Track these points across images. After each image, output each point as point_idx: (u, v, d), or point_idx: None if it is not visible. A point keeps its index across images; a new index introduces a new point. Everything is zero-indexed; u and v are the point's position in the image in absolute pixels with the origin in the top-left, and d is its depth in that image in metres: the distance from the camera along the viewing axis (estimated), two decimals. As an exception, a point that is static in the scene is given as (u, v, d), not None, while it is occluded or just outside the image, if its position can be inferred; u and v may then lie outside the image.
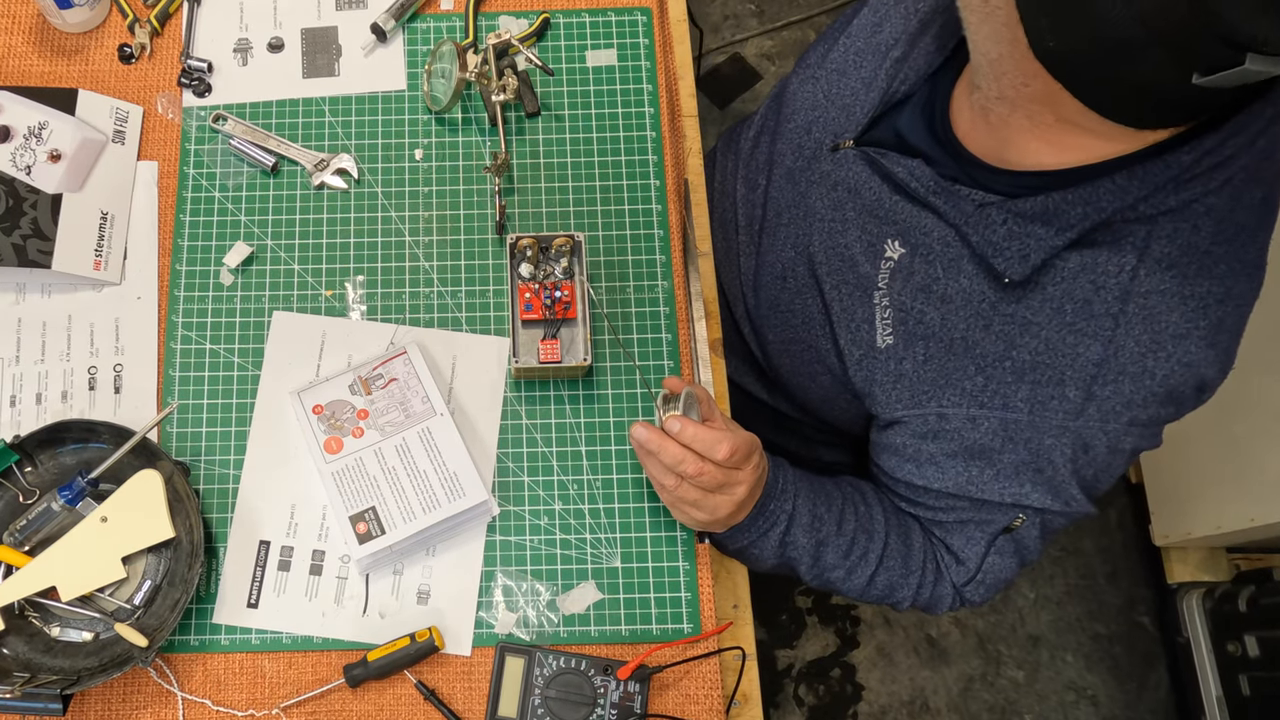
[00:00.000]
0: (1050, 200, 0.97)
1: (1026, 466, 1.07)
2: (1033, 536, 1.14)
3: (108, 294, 1.30)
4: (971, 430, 1.08)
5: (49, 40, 1.40)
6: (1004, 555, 1.16)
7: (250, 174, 1.35)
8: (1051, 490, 1.08)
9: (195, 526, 1.16)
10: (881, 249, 1.12)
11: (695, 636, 1.20)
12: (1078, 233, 0.97)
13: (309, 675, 1.19)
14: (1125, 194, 0.94)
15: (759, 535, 1.16)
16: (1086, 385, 1.01)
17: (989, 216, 1.01)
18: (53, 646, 1.17)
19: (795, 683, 2.37)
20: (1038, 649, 2.42)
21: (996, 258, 1.01)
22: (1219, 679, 2.20)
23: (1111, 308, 0.98)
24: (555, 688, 1.15)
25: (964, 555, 1.17)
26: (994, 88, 0.96)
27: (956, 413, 1.09)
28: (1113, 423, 1.02)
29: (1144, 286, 0.97)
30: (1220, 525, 2.09)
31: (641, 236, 1.35)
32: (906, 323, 1.11)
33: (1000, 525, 1.13)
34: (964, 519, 1.15)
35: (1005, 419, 1.06)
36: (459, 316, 1.31)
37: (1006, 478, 1.09)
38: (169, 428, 1.26)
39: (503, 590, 1.22)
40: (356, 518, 1.19)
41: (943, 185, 1.05)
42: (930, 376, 1.10)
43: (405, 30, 1.42)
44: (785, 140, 1.30)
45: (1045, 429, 1.04)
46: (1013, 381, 1.05)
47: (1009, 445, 1.07)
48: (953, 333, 1.08)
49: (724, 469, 1.05)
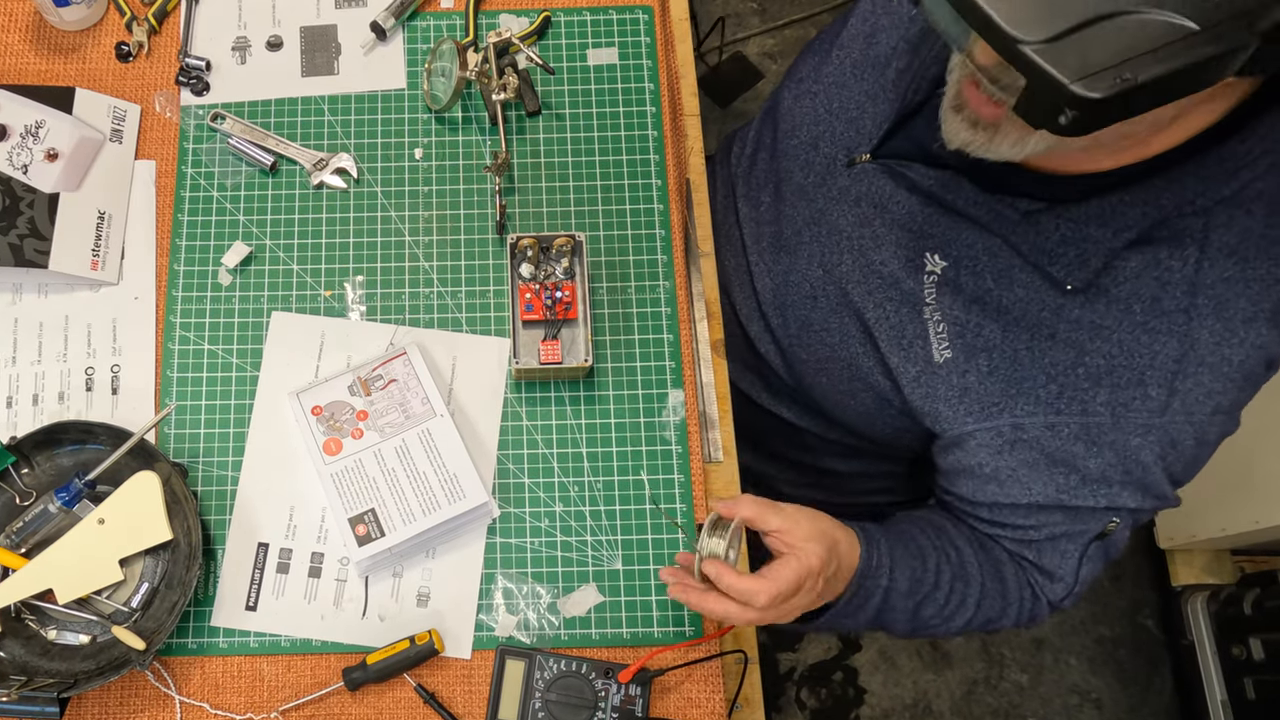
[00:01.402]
0: (1106, 203, 0.96)
1: (1115, 469, 1.04)
2: (1124, 537, 1.12)
3: (105, 294, 1.30)
4: (1052, 438, 1.06)
5: (46, 38, 1.40)
6: (1096, 561, 1.13)
7: (249, 173, 1.35)
8: (1143, 489, 1.06)
9: (193, 528, 1.16)
10: (921, 263, 1.11)
11: (697, 639, 1.20)
12: (1136, 233, 0.96)
13: (308, 678, 1.19)
14: (1183, 189, 0.93)
15: (855, 611, 1.12)
16: (1169, 382, 1.00)
17: (1039, 224, 1.00)
18: (49, 649, 1.16)
19: (797, 686, 2.37)
20: (1041, 652, 2.41)
21: (1053, 265, 1.00)
22: (1224, 682, 2.19)
23: (1181, 302, 0.97)
24: (556, 691, 1.15)
25: (1060, 572, 1.13)
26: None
27: (1033, 421, 1.06)
28: (1197, 414, 1.01)
29: (1209, 277, 0.96)
30: (1225, 528, 2.09)
31: (643, 236, 1.34)
32: (964, 336, 1.09)
33: (1094, 532, 1.10)
34: (1056, 532, 1.11)
35: (1086, 424, 1.03)
36: (459, 317, 1.30)
37: (1096, 482, 1.06)
38: (167, 429, 1.26)
39: (503, 593, 1.21)
40: (356, 520, 1.18)
41: (983, 196, 1.04)
42: (998, 388, 1.08)
43: (405, 28, 1.42)
44: (789, 157, 1.29)
45: (1130, 429, 1.02)
46: (1089, 387, 1.03)
47: (1094, 449, 1.04)
48: (1016, 344, 1.06)
49: (773, 608, 1.01)
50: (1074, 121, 0.74)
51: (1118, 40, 0.70)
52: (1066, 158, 0.97)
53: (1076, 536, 1.11)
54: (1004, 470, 1.10)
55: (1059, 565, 1.13)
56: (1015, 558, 1.16)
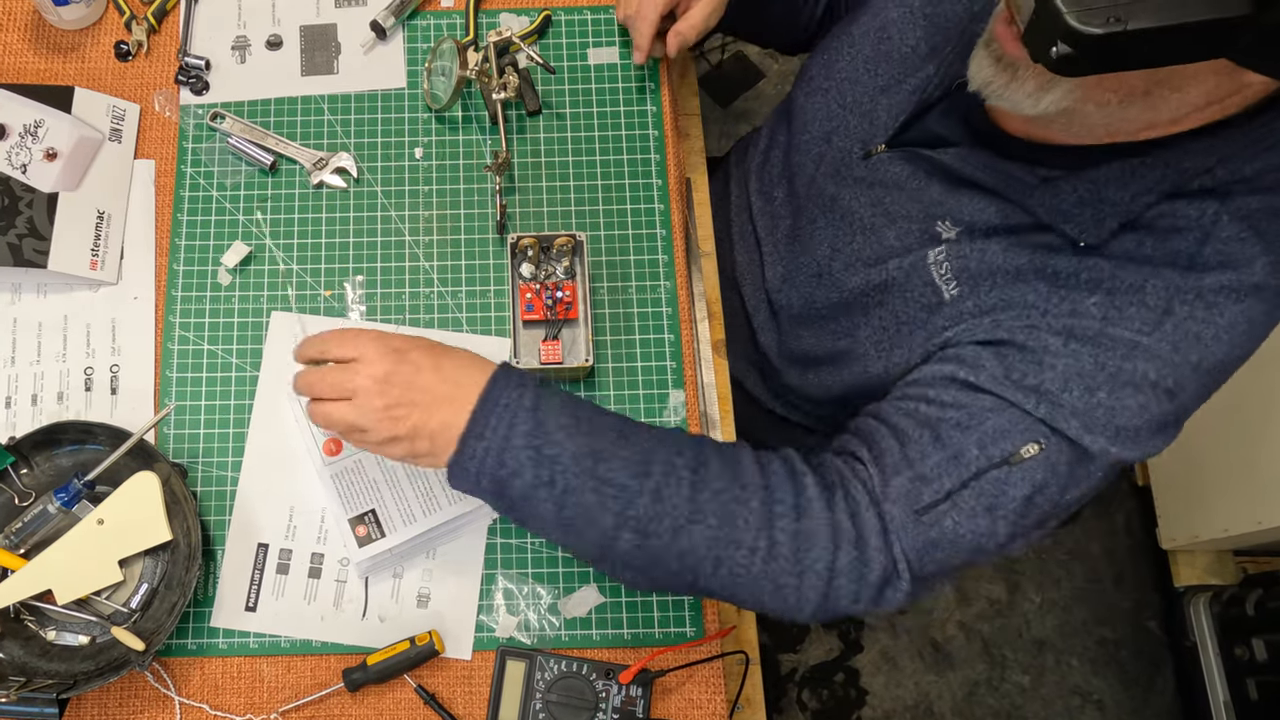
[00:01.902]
0: (1127, 165, 0.94)
1: (1080, 381, 0.96)
2: (1019, 495, 0.97)
3: (104, 294, 1.29)
4: (1032, 332, 0.99)
5: (45, 37, 1.39)
6: (980, 502, 0.98)
7: (248, 173, 1.34)
8: (1091, 421, 0.96)
9: (193, 529, 1.16)
10: (935, 232, 1.09)
11: (698, 640, 1.19)
12: (1156, 196, 0.94)
13: (307, 679, 1.18)
14: (1207, 155, 0.92)
15: (501, 443, 0.98)
16: (1167, 299, 0.95)
17: (1057, 188, 0.99)
18: (49, 650, 1.16)
19: (799, 687, 2.37)
20: (1043, 653, 2.41)
21: (1068, 224, 0.98)
22: (1226, 683, 2.19)
23: (1190, 247, 0.94)
24: (557, 692, 1.14)
25: (936, 473, 0.99)
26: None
27: (1015, 315, 1.01)
28: (1182, 355, 0.95)
29: (1225, 232, 0.93)
30: (1228, 528, 2.08)
31: (644, 236, 1.34)
32: (968, 267, 1.05)
33: (1008, 448, 0.97)
34: (972, 421, 0.99)
35: (1073, 324, 0.98)
36: (459, 317, 1.30)
37: (1052, 389, 0.97)
38: (166, 429, 1.26)
39: (504, 593, 1.21)
40: (356, 520, 1.18)
41: (1001, 164, 1.03)
42: (994, 299, 1.03)
43: (405, 28, 1.42)
44: (801, 152, 1.29)
45: (1117, 340, 0.96)
46: (1086, 292, 0.98)
47: (1072, 345, 0.97)
48: (1018, 261, 1.02)
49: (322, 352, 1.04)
50: (1064, 59, 0.74)
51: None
52: (1088, 131, 0.96)
53: (988, 441, 0.98)
54: (968, 355, 1.03)
55: (945, 465, 0.99)
56: (854, 454, 1.04)
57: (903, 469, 1.00)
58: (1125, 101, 0.88)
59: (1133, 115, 0.91)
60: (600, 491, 0.97)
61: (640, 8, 1.30)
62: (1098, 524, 2.47)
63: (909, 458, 1.00)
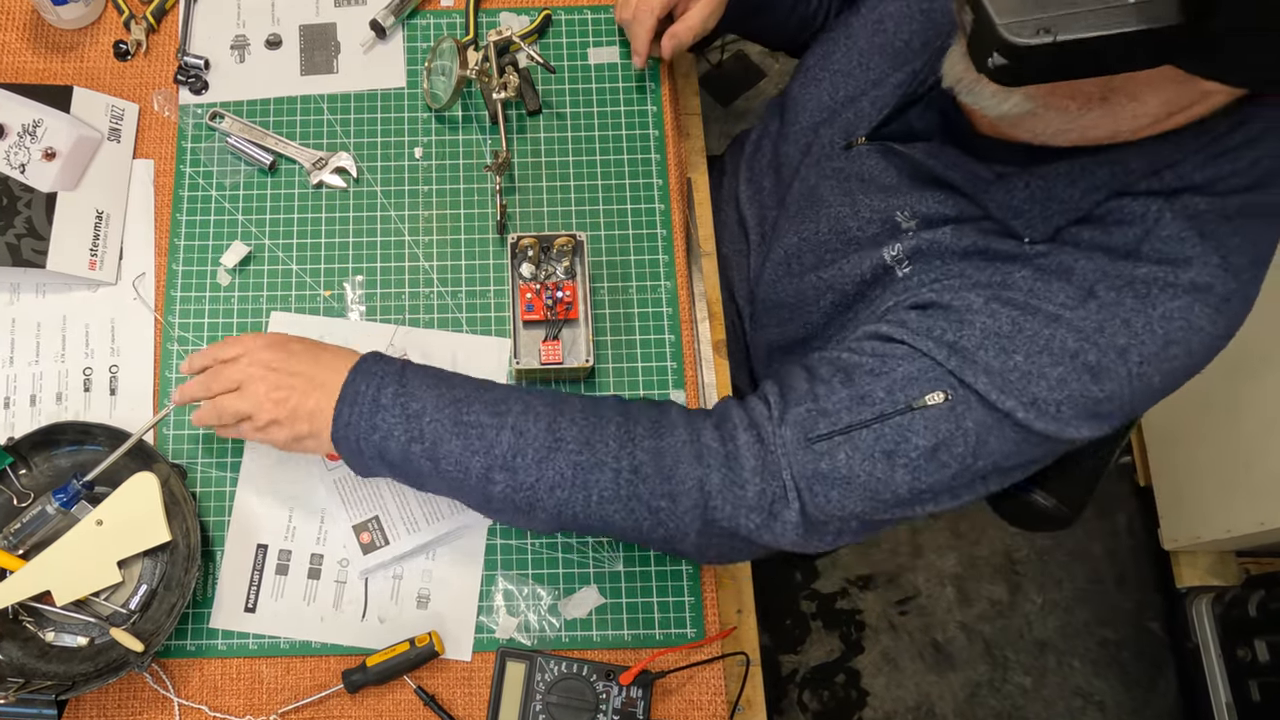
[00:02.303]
0: (1076, 163, 0.95)
1: (996, 341, 0.96)
2: (922, 443, 0.97)
3: (103, 294, 1.29)
4: (958, 293, 1.00)
5: (43, 37, 1.39)
6: (879, 446, 0.98)
7: (248, 173, 1.34)
8: (1003, 381, 0.95)
9: (192, 530, 1.15)
10: (895, 223, 1.10)
11: (699, 641, 1.19)
12: (1103, 194, 0.95)
13: (307, 680, 1.18)
14: (1155, 156, 0.92)
15: (370, 406, 1.06)
16: (1091, 283, 0.95)
17: (1010, 184, 0.99)
18: (47, 652, 1.16)
19: (799, 688, 2.36)
20: (1045, 654, 2.41)
21: (1017, 220, 0.99)
22: (1229, 684, 2.19)
23: (1130, 241, 0.95)
24: (557, 693, 1.14)
25: (838, 409, 1.00)
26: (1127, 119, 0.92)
27: (952, 298, 1.01)
28: (1107, 336, 0.93)
29: (1166, 230, 0.93)
30: (1230, 529, 2.08)
31: (644, 236, 1.33)
32: (920, 250, 1.07)
33: (914, 394, 0.98)
34: (883, 368, 1.00)
35: (1000, 294, 0.98)
36: (459, 317, 1.30)
37: (967, 346, 0.97)
38: (165, 430, 1.25)
39: (504, 594, 1.20)
40: (360, 527, 1.18)
41: (963, 159, 1.04)
42: (936, 279, 1.05)
43: (405, 27, 1.41)
44: (790, 142, 1.30)
45: (1038, 311, 0.96)
46: (1018, 270, 0.99)
47: (993, 305, 0.98)
48: (963, 242, 1.03)
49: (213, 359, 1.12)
50: (1000, 69, 0.75)
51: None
52: (1054, 134, 0.96)
53: (895, 388, 0.99)
54: (894, 316, 1.04)
55: (847, 403, 1.00)
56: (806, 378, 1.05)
57: (805, 400, 1.02)
58: (1084, 108, 0.89)
59: (1094, 122, 0.90)
60: (465, 435, 1.04)
61: (637, 11, 1.30)
62: (1099, 525, 2.47)
63: (815, 393, 1.02)
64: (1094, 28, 0.71)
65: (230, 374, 1.10)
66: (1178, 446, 2.26)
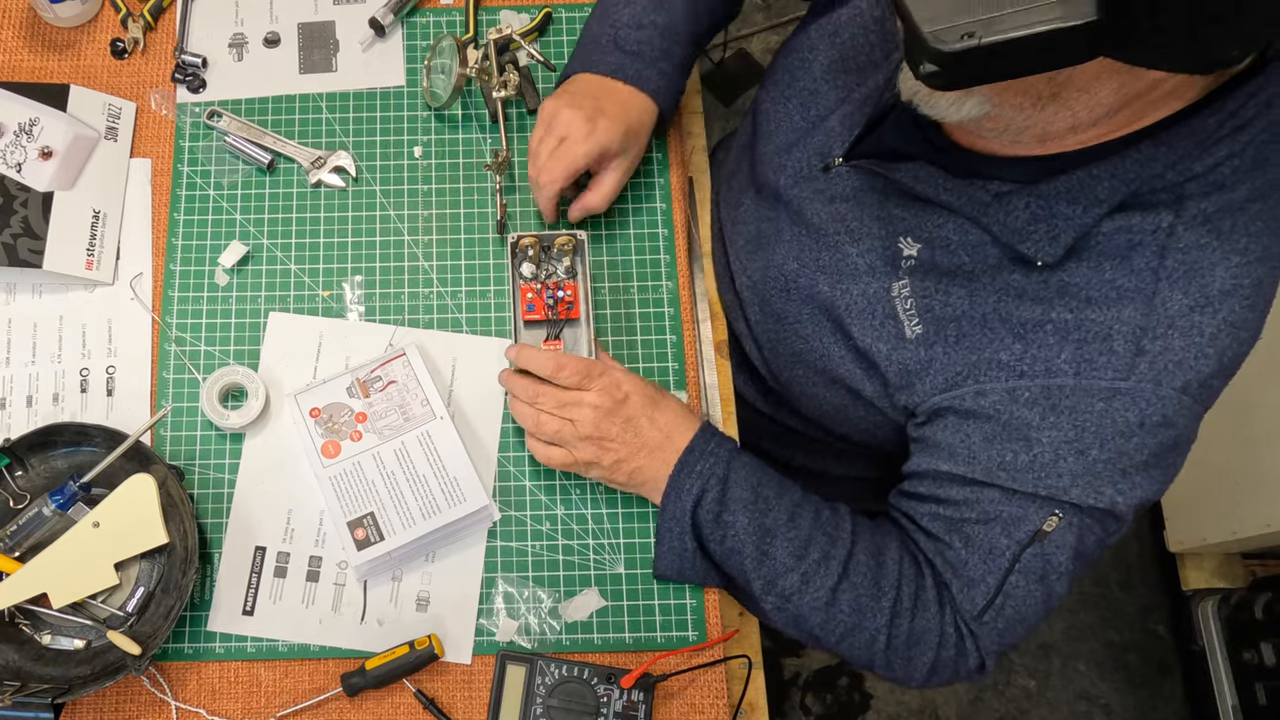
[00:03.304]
0: (1074, 178, 0.95)
1: (1069, 446, 0.99)
2: (1064, 557, 1.03)
3: (100, 294, 1.29)
4: (1010, 404, 1.02)
5: (40, 35, 1.39)
6: (1029, 578, 1.04)
7: (246, 172, 1.34)
8: (1092, 480, 0.99)
9: (189, 532, 1.15)
10: (897, 249, 1.10)
11: (700, 644, 1.19)
12: (1107, 208, 0.95)
13: (305, 684, 1.18)
14: (1152, 162, 0.92)
15: (683, 498, 1.14)
16: (1135, 340, 0.96)
17: (1009, 204, 0.99)
18: (44, 655, 1.16)
19: (802, 691, 2.36)
20: (1049, 657, 2.40)
21: (1024, 243, 0.98)
22: (1234, 688, 2.18)
23: (1151, 262, 0.95)
24: (557, 697, 1.13)
25: (979, 574, 1.06)
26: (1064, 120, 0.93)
27: (995, 387, 1.03)
28: (1166, 385, 0.96)
29: (1182, 242, 0.94)
30: (1236, 531, 2.07)
31: (645, 236, 1.33)
32: (932, 309, 1.07)
33: (1031, 528, 1.02)
34: (989, 515, 1.04)
35: (1049, 385, 0.99)
36: (459, 317, 1.29)
37: (1045, 463, 1.00)
38: (163, 431, 1.25)
39: (504, 597, 1.20)
40: (355, 524, 1.18)
41: (953, 182, 1.03)
42: (965, 355, 1.05)
43: (404, 25, 1.41)
44: (764, 161, 1.28)
45: (1094, 393, 0.98)
46: (1055, 344, 0.99)
47: (1050, 417, 1.00)
48: (984, 308, 1.03)
49: (562, 388, 1.16)
50: (932, 75, 0.76)
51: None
52: (1022, 140, 0.97)
53: (1011, 526, 1.04)
54: (958, 442, 1.06)
55: (980, 564, 1.06)
56: (930, 555, 1.11)
57: (950, 579, 1.08)
58: (1038, 105, 0.89)
59: (1051, 117, 0.91)
60: (760, 562, 1.12)
61: (541, 174, 1.24)
62: (1104, 527, 2.46)
63: (952, 564, 1.08)
64: (1016, 28, 0.72)
65: (569, 405, 1.15)
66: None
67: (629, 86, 1.26)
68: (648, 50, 1.27)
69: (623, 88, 1.26)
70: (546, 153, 1.22)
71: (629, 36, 1.27)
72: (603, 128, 1.21)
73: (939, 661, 1.09)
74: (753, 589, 1.13)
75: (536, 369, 1.16)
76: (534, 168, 1.24)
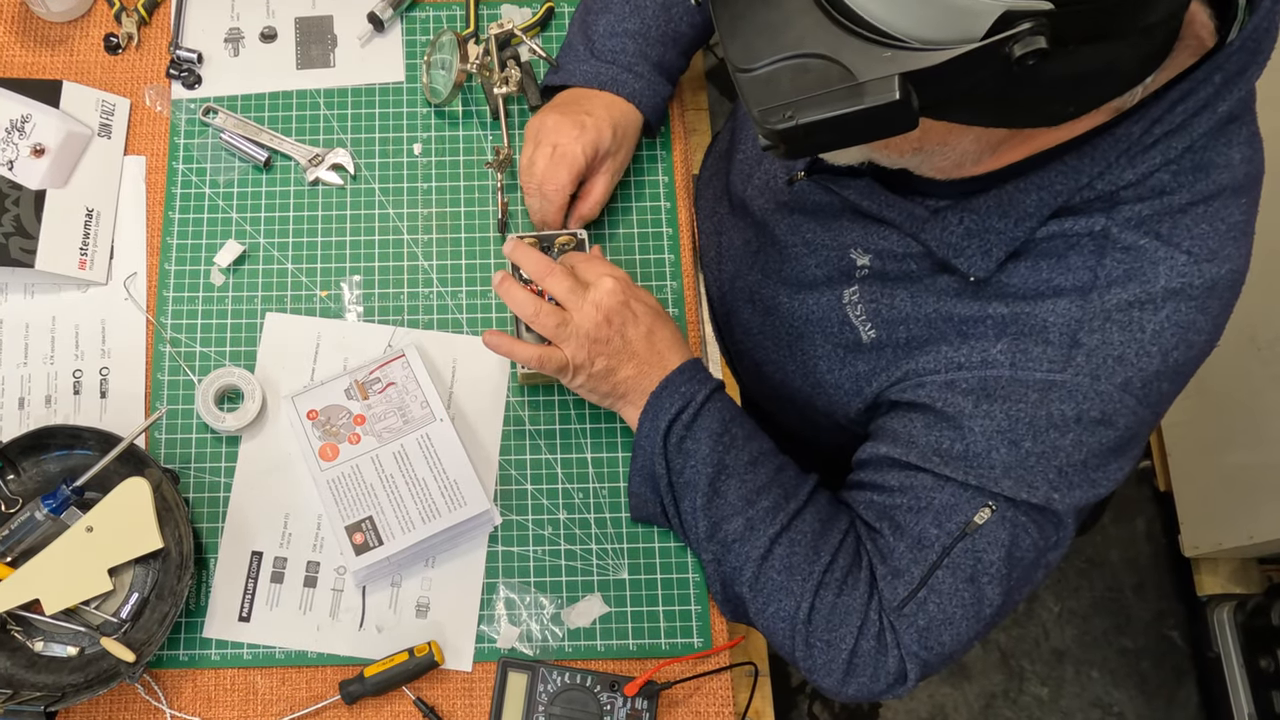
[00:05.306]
0: (1003, 193, 0.96)
1: (1002, 436, 0.99)
2: (996, 556, 1.02)
3: (93, 294, 1.29)
4: (947, 392, 1.03)
5: (32, 30, 1.39)
6: (957, 575, 1.03)
7: (242, 169, 1.34)
8: (1025, 473, 0.99)
9: (185, 537, 1.15)
10: (850, 259, 1.12)
11: (706, 651, 1.18)
12: (1036, 221, 0.96)
13: (303, 692, 1.17)
14: (1078, 173, 0.93)
15: (659, 415, 1.14)
16: (1071, 332, 0.96)
17: (945, 220, 1.00)
18: (36, 662, 1.15)
19: (809, 700, 2.36)
20: (1062, 664, 2.40)
21: (958, 258, 1.00)
22: (1251, 695, 2.17)
23: (1088, 261, 0.95)
24: (560, 705, 1.13)
25: (904, 563, 1.05)
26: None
27: (935, 379, 1.04)
28: (1104, 381, 0.96)
29: (1120, 243, 0.94)
30: (1252, 535, 2.06)
31: (649, 235, 1.33)
32: (880, 312, 1.09)
33: (961, 519, 1.02)
34: (920, 503, 1.05)
35: (985, 376, 1.00)
36: (459, 318, 1.29)
37: (978, 452, 1.01)
38: (157, 434, 1.24)
39: (505, 603, 1.19)
40: (353, 528, 1.17)
41: (894, 199, 1.05)
42: (911, 352, 1.07)
43: (403, 20, 1.41)
44: (736, 171, 1.29)
45: (1029, 384, 0.98)
46: (993, 337, 1.00)
47: (984, 405, 1.00)
48: (926, 308, 1.05)
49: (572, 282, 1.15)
50: (771, 148, 0.81)
51: (792, 81, 0.78)
52: (938, 169, 0.98)
53: (942, 518, 1.04)
54: (900, 428, 1.08)
55: (909, 553, 1.05)
56: (864, 537, 1.12)
57: (878, 566, 1.08)
58: (906, 155, 0.93)
59: (933, 159, 0.94)
60: (710, 500, 1.13)
61: (544, 189, 1.24)
62: (1118, 531, 2.46)
63: (881, 552, 1.08)
64: (828, 109, 0.76)
65: (571, 298, 1.14)
66: (1199, 451, 2.26)
67: (606, 93, 1.28)
68: (623, 57, 1.28)
69: (602, 94, 1.28)
70: (544, 160, 1.23)
71: (605, 45, 1.29)
72: (592, 125, 1.23)
73: (858, 651, 1.07)
74: (699, 533, 1.14)
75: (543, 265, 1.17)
76: (533, 180, 1.24)
